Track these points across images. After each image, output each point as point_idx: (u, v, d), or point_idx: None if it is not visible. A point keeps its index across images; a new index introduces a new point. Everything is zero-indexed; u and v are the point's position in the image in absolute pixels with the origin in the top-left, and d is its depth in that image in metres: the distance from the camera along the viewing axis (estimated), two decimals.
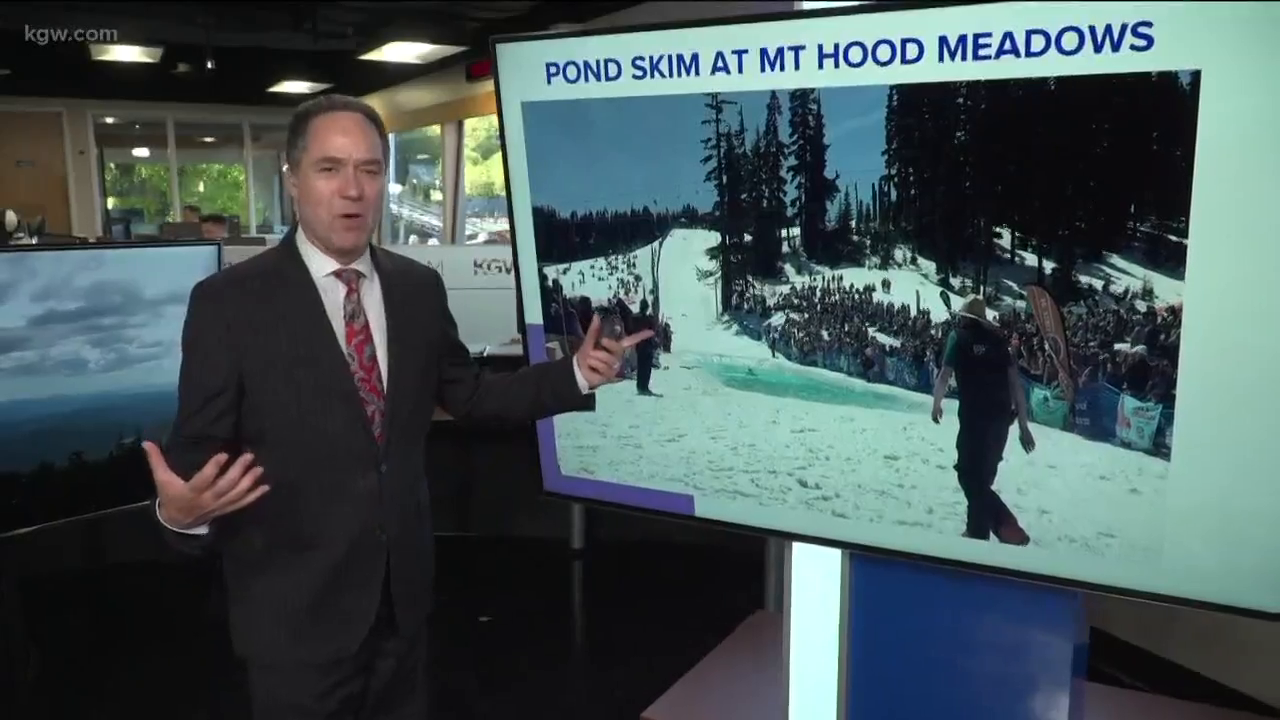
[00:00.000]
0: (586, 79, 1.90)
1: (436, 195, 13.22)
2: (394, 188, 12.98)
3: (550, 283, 2.13)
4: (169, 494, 1.51)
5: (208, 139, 15.62)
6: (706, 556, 4.06)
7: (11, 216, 7.36)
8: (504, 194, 2.10)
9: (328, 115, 1.72)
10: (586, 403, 1.88)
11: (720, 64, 1.78)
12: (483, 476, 4.56)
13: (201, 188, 16.95)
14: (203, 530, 1.59)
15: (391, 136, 13.02)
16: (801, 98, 1.74)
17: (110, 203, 14.70)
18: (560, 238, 2.07)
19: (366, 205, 1.72)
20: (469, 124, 10.43)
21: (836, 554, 2.05)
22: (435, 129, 11.01)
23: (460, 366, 1.95)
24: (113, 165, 15.41)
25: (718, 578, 3.99)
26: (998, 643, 1.97)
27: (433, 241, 12.89)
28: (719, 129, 1.83)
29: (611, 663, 3.55)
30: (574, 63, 1.91)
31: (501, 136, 2.05)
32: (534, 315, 2.18)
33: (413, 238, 13.84)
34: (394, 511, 1.81)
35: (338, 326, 1.76)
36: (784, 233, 1.85)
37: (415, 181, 15.16)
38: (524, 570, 4.30)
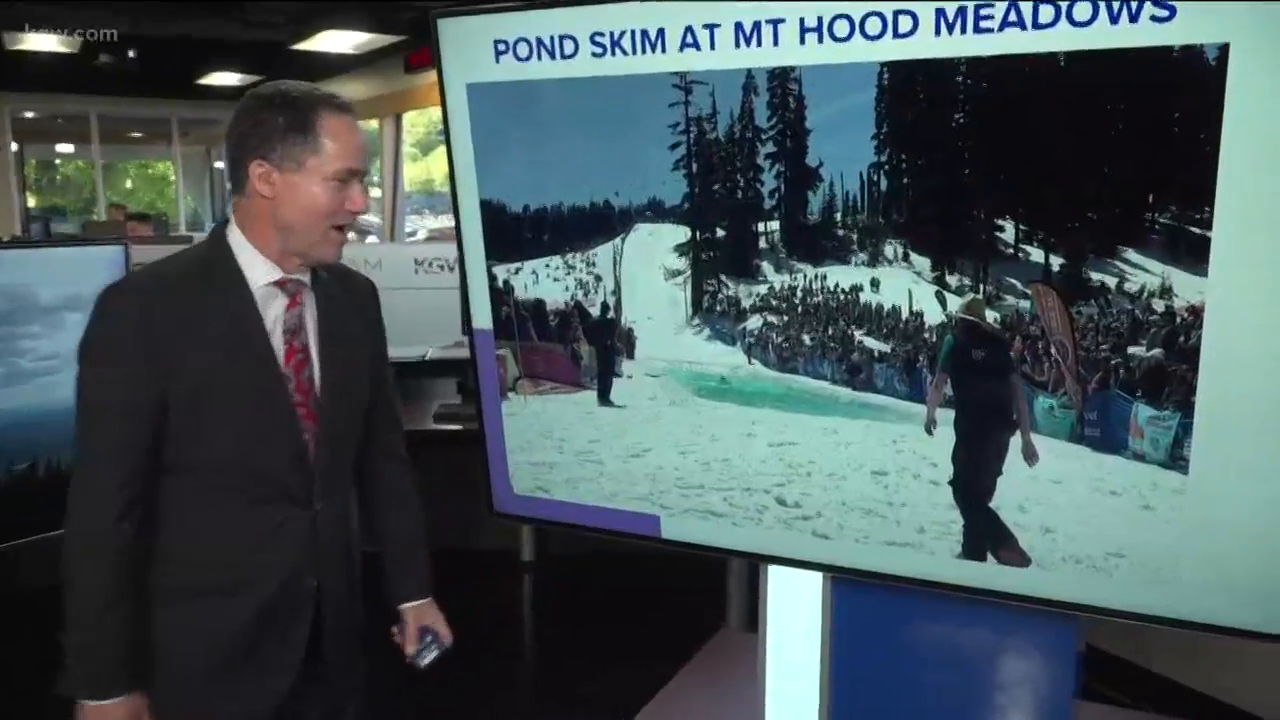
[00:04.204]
0: (539, 57, 1.72)
1: (375, 192, 12.93)
2: None
3: (500, 284, 1.94)
4: None
5: (135, 134, 15.17)
6: (663, 569, 3.90)
7: None
8: (445, 190, 1.93)
9: (342, 116, 1.53)
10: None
11: (689, 40, 1.60)
12: (422, 485, 4.35)
13: (129, 184, 16.48)
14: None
15: None
16: (781, 77, 1.57)
17: (31, 200, 14.23)
18: (511, 234, 1.89)
19: None
20: (408, 118, 10.17)
21: (816, 576, 1.89)
22: (373, 123, 10.74)
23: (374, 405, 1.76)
24: (33, 161, 14.94)
25: (676, 591, 3.83)
26: (991, 665, 1.84)
27: (371, 239, 12.60)
28: (688, 112, 1.65)
29: (568, 684, 3.39)
30: (525, 39, 1.72)
31: (445, 122, 1.86)
32: (482, 320, 1.99)
33: (350, 234, 13.53)
34: (328, 555, 1.65)
35: (277, 344, 1.57)
36: (761, 227, 1.69)
37: None
38: (469, 585, 4.06)
